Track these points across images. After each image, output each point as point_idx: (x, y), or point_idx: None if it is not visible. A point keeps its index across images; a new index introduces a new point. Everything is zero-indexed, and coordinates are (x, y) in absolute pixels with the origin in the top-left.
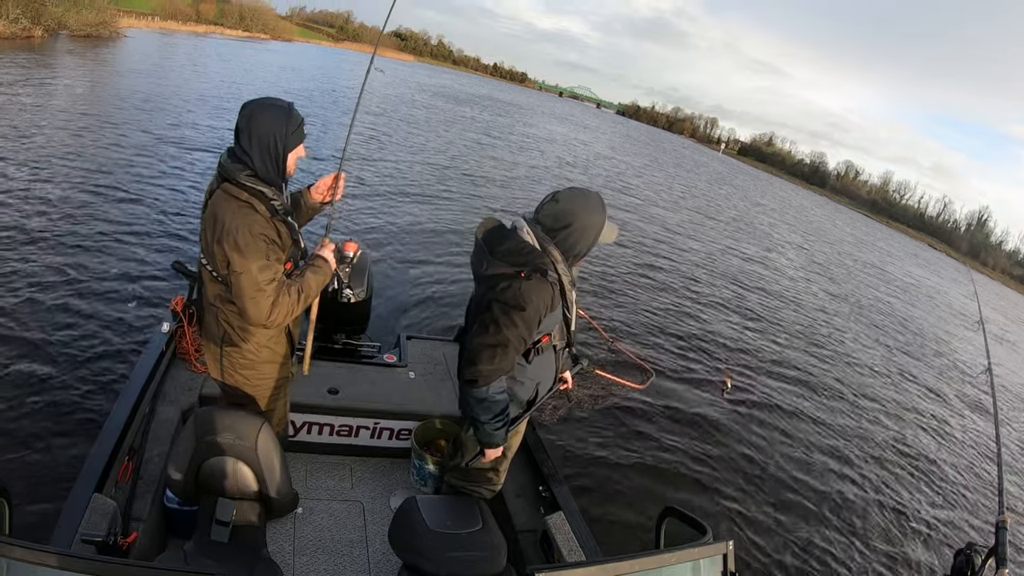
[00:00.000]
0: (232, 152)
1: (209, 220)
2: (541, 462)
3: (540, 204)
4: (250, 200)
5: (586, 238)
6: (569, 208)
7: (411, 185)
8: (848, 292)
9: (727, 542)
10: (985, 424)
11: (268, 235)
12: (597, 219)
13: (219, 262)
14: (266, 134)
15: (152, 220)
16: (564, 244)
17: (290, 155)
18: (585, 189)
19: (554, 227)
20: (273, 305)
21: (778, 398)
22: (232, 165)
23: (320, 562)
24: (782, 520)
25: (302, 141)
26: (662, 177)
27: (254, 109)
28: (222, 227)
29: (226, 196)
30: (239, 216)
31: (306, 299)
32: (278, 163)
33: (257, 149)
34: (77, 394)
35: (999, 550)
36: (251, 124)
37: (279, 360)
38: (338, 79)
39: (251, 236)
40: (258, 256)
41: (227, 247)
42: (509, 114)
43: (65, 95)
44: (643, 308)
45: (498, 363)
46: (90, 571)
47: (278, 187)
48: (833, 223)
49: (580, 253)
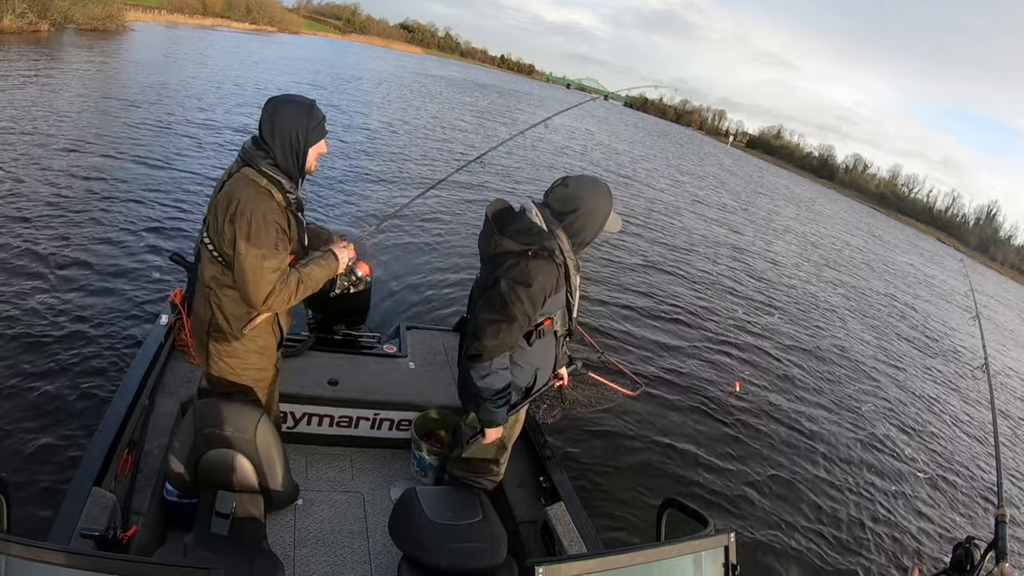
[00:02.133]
0: (256, 140)
1: (223, 200)
2: (541, 452)
3: (549, 188)
4: (268, 188)
5: (592, 224)
6: (577, 193)
7: (412, 172)
8: (850, 281)
9: (729, 534)
10: (982, 417)
11: (280, 224)
12: (604, 205)
13: (226, 241)
14: (288, 129)
15: (150, 212)
16: (571, 228)
17: (311, 150)
18: (594, 176)
19: (562, 211)
20: (272, 292)
21: (778, 392)
22: (255, 152)
23: (320, 553)
24: (781, 513)
25: (323, 137)
26: (662, 165)
27: (277, 104)
28: (237, 207)
29: (246, 180)
30: (256, 201)
31: (305, 290)
32: (298, 157)
33: (279, 142)
34: (76, 387)
35: (999, 544)
36: (274, 118)
37: (265, 351)
38: (347, 70)
39: (264, 223)
40: (267, 243)
41: (239, 228)
42: (519, 101)
43: (70, 89)
44: (634, 307)
45: (502, 338)
46: (89, 567)
47: (295, 180)
48: (857, 220)
49: (585, 240)
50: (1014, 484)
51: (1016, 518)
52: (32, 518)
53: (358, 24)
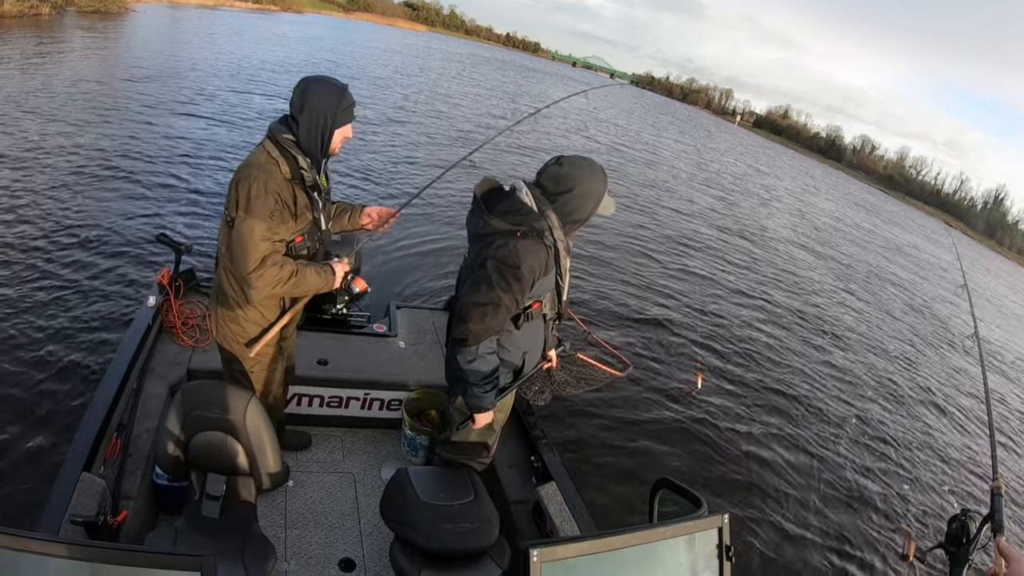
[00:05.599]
0: (284, 117)
1: (240, 166)
2: (532, 432)
3: (543, 167)
4: (277, 159)
5: (585, 205)
6: (571, 173)
7: (404, 149)
8: (836, 254)
9: (722, 515)
10: (973, 390)
11: (281, 195)
12: (598, 187)
13: (231, 203)
14: (317, 108)
15: (138, 193)
16: (563, 209)
17: (337, 131)
18: (589, 158)
19: (555, 191)
20: (259, 263)
21: (767, 370)
22: (278, 127)
23: (312, 534)
24: (772, 491)
25: (350, 121)
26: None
27: (310, 83)
28: (245, 170)
29: (260, 150)
30: (260, 168)
31: (295, 286)
32: (324, 137)
33: (306, 120)
34: (63, 371)
35: (995, 516)
36: (305, 97)
37: (265, 324)
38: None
39: (264, 191)
40: (262, 210)
41: (240, 194)
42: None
43: (74, 71)
44: (622, 287)
45: (489, 322)
46: (79, 556)
47: (316, 160)
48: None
49: (578, 220)
50: (1008, 454)
51: (1012, 486)
52: (22, 505)
53: (362, 3)
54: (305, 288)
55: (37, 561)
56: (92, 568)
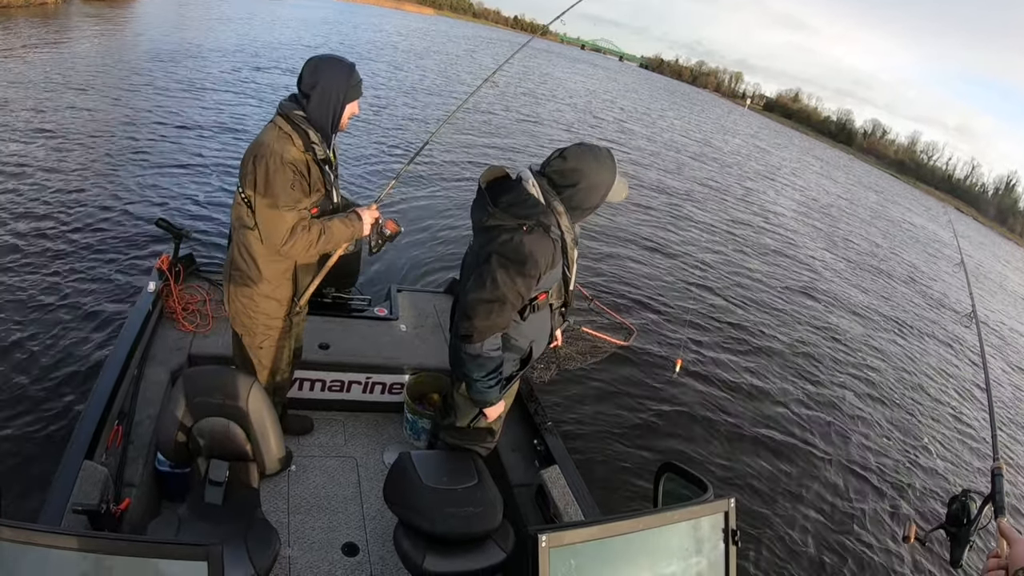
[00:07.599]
0: (293, 95)
1: (251, 145)
2: (535, 415)
3: (548, 159)
4: (291, 133)
5: (593, 197)
6: (577, 166)
7: (406, 131)
8: (837, 231)
9: (729, 499)
10: (972, 370)
11: (298, 167)
12: (606, 178)
13: (248, 181)
14: (329, 85)
15: (136, 178)
16: (571, 202)
17: (347, 107)
18: (595, 146)
19: (561, 184)
20: (291, 232)
21: (770, 352)
22: (288, 103)
23: (315, 519)
24: (775, 474)
25: (358, 98)
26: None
27: (320, 61)
28: (259, 147)
29: (272, 126)
30: (276, 142)
31: (326, 243)
32: (335, 112)
33: (317, 96)
34: (63, 359)
35: (996, 497)
36: (316, 74)
37: (277, 299)
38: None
39: (281, 163)
40: (282, 184)
41: (258, 171)
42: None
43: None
44: (626, 262)
45: (494, 319)
46: (82, 547)
47: (326, 135)
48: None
49: (587, 210)
50: (1008, 435)
51: (1013, 466)
52: (25, 494)
53: None
54: (336, 241)
55: (43, 553)
56: (98, 560)
